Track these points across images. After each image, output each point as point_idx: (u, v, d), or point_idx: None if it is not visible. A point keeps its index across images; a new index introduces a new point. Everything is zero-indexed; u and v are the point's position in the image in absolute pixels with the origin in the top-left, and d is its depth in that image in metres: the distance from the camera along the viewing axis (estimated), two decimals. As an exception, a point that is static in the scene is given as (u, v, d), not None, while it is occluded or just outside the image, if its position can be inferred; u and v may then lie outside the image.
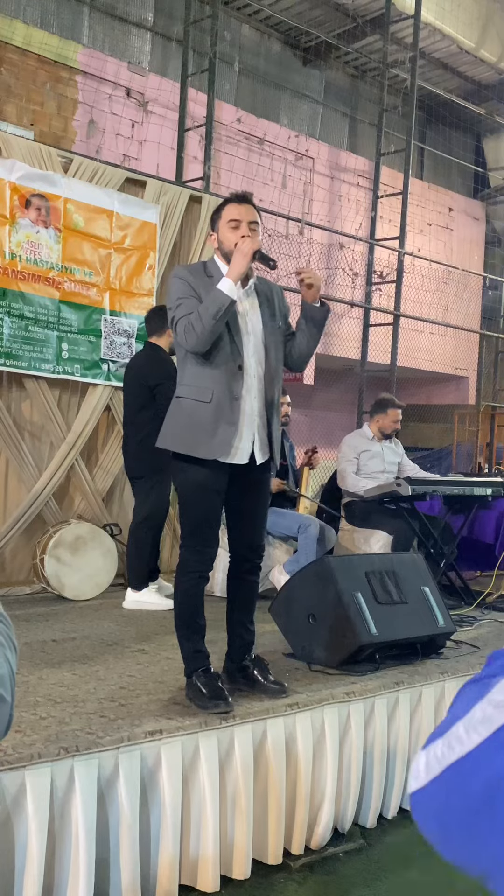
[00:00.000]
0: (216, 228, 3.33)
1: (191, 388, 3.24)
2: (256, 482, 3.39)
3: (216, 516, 3.33)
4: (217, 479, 3.25)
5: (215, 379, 3.20)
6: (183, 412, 3.26)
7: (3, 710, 0.85)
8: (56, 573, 5.19)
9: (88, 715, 2.97)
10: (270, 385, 3.33)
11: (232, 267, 3.17)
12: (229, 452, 3.22)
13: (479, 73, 14.14)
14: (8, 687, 0.85)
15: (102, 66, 10.00)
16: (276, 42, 12.47)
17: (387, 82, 12.08)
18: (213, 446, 3.18)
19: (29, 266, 5.46)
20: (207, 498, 3.26)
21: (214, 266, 3.33)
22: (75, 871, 2.54)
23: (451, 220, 14.76)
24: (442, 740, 0.86)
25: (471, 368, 14.55)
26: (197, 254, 6.35)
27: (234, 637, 3.49)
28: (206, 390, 3.20)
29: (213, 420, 3.18)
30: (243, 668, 3.42)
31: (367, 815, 3.46)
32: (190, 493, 3.29)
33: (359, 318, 11.77)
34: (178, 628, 3.33)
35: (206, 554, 3.31)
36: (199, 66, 10.53)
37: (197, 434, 3.19)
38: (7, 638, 0.90)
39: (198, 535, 3.28)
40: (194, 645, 3.29)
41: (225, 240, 3.28)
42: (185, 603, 3.31)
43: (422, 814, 0.88)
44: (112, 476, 5.98)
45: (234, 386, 3.21)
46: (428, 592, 4.13)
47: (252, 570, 3.48)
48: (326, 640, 3.80)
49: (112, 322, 5.89)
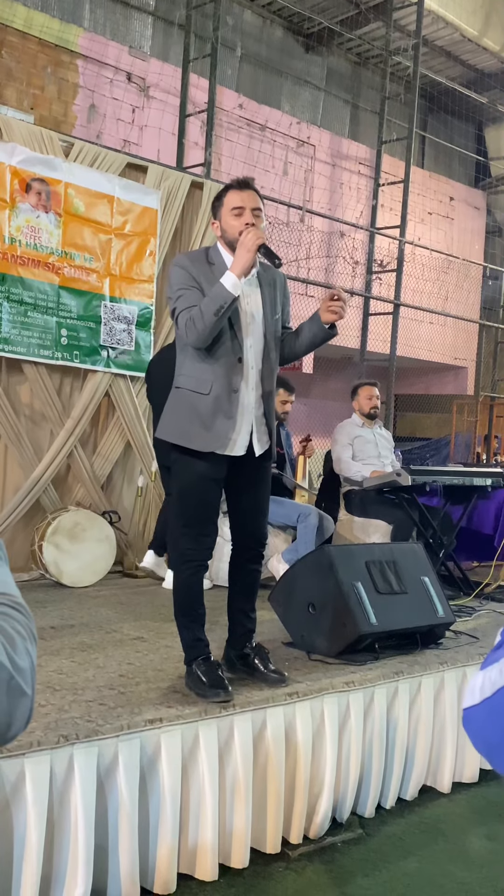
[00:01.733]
0: (218, 216, 3.26)
1: (190, 379, 3.21)
2: (256, 472, 3.36)
3: (215, 505, 3.31)
4: (216, 469, 3.24)
5: (215, 371, 3.18)
6: (181, 403, 3.23)
7: (25, 703, 0.83)
8: (54, 560, 5.17)
9: (88, 703, 2.95)
10: (268, 377, 3.32)
11: (236, 262, 3.10)
12: (226, 445, 3.20)
13: (481, 62, 14.08)
14: (29, 680, 0.83)
15: (103, 51, 9.94)
16: (278, 28, 12.40)
17: (389, 70, 12.03)
18: (209, 439, 3.17)
19: (29, 251, 5.43)
20: (206, 487, 3.24)
21: (217, 253, 3.27)
22: (74, 859, 2.53)
23: (451, 209, 14.72)
24: (498, 665, 0.96)
25: (470, 359, 14.55)
26: (198, 240, 6.31)
27: (236, 625, 3.47)
28: (205, 382, 3.18)
29: (211, 412, 3.16)
30: (244, 657, 3.41)
31: (366, 805, 3.46)
32: (188, 483, 3.25)
33: (359, 307, 11.75)
34: (178, 617, 3.32)
35: (204, 542, 3.28)
36: (200, 51, 10.47)
37: (195, 426, 3.17)
38: (28, 630, 0.88)
39: (196, 524, 3.26)
40: (194, 633, 3.28)
41: (228, 228, 3.21)
42: (185, 592, 3.29)
43: (473, 729, 0.98)
44: (111, 463, 5.96)
45: (233, 378, 3.19)
46: (428, 583, 4.12)
47: (254, 559, 3.46)
48: (326, 629, 3.79)
49: (112, 308, 5.86)
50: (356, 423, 6.18)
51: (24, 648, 0.85)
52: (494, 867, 3.14)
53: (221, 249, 3.28)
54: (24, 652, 0.85)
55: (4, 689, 0.79)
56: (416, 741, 3.68)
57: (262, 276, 3.34)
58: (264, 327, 3.30)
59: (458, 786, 3.83)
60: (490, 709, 0.94)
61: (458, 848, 3.28)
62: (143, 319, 6.02)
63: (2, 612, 0.87)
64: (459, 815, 3.61)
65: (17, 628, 0.86)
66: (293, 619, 3.93)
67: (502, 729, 0.93)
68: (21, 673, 0.82)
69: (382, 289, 12.15)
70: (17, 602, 0.90)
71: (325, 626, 3.80)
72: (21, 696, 0.82)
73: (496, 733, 0.94)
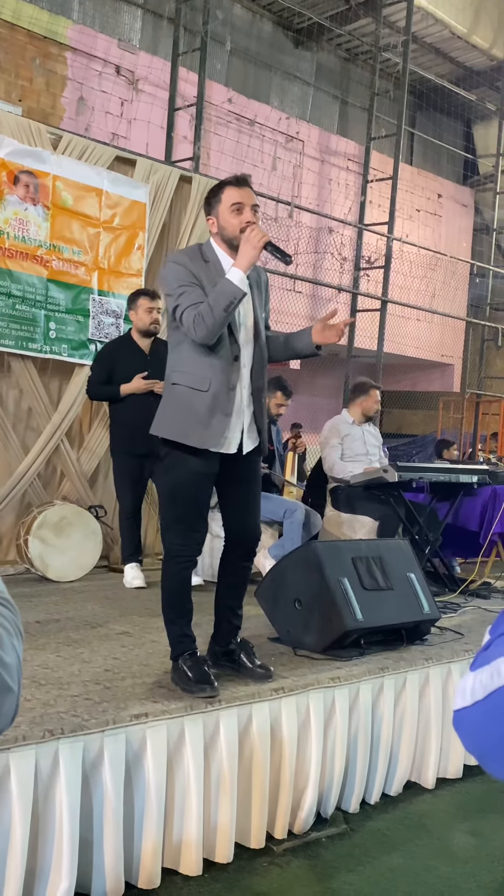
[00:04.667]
0: (216, 213, 3.21)
1: (187, 376, 3.19)
2: (247, 469, 3.37)
3: (206, 501, 3.31)
4: (209, 466, 3.24)
5: (214, 368, 3.17)
6: (179, 400, 3.21)
7: (10, 700, 0.82)
8: (40, 554, 5.16)
9: (73, 697, 2.95)
10: (259, 374, 3.32)
11: (241, 258, 3.08)
12: (221, 443, 3.20)
13: (470, 59, 14.10)
14: (15, 676, 0.83)
15: (92, 43, 9.89)
16: (267, 22, 12.37)
17: (378, 66, 12.03)
18: (206, 436, 3.16)
19: (17, 243, 5.40)
20: (198, 484, 3.25)
21: (211, 250, 3.25)
22: (59, 854, 2.52)
23: (439, 206, 14.74)
24: (489, 668, 0.95)
25: (456, 356, 14.59)
26: (186, 234, 6.30)
27: (222, 621, 3.47)
28: (203, 379, 3.17)
29: (209, 410, 3.16)
30: (229, 652, 3.41)
31: (350, 800, 3.47)
32: (181, 479, 3.25)
33: (346, 303, 11.75)
34: (165, 612, 3.31)
35: (193, 538, 3.29)
36: (190, 45, 10.44)
37: (192, 423, 3.16)
38: (13, 625, 0.87)
39: (186, 519, 3.26)
40: (181, 629, 3.28)
41: (228, 225, 3.17)
42: (173, 587, 3.29)
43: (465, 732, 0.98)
44: (97, 458, 5.94)
45: (230, 376, 3.20)
46: (414, 579, 4.13)
47: (246, 556, 3.47)
48: (312, 625, 3.79)
49: (100, 302, 5.84)
50: (346, 420, 6.16)
51: (10, 644, 0.84)
52: (478, 862, 3.16)
53: (216, 247, 3.25)
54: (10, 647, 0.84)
55: None
56: (401, 737, 3.69)
57: (251, 275, 3.31)
58: (255, 324, 3.31)
59: (442, 781, 3.84)
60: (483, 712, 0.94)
61: (441, 843, 3.29)
62: (130, 313, 6.00)
63: None
64: (443, 811, 3.62)
65: (3, 624, 0.85)
66: (279, 614, 3.93)
67: (495, 733, 0.93)
68: (7, 669, 0.81)
69: (370, 285, 12.16)
70: (4, 598, 0.90)
71: (311, 622, 3.80)
72: (6, 692, 0.81)
73: (489, 737, 0.94)
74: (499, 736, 0.93)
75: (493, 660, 0.95)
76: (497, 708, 0.92)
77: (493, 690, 0.93)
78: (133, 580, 5.22)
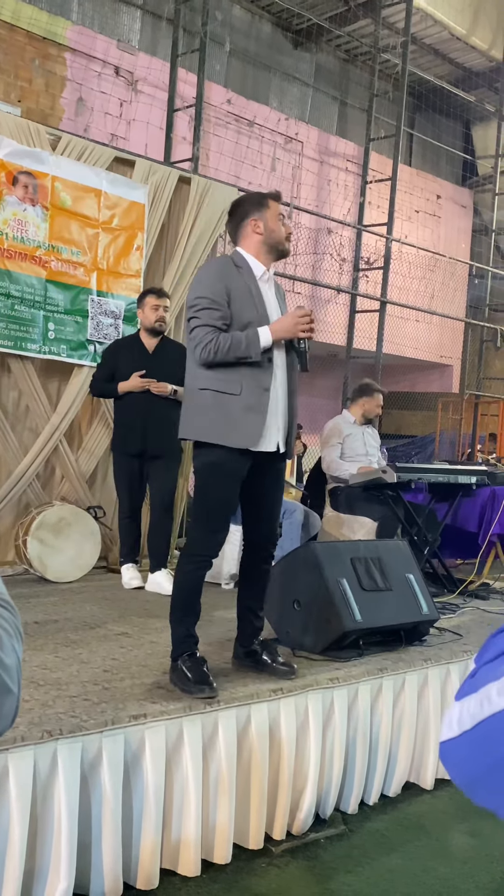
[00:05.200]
0: (263, 217, 3.33)
1: (216, 381, 3.23)
2: (275, 471, 3.43)
3: (233, 503, 3.35)
4: (240, 467, 3.28)
5: (244, 371, 3.22)
6: (210, 403, 3.24)
7: (10, 701, 0.82)
8: (39, 555, 5.15)
9: (72, 698, 2.95)
10: (291, 377, 3.40)
11: (280, 329, 3.23)
12: (257, 442, 3.24)
13: (469, 60, 14.10)
14: (15, 678, 0.83)
15: (91, 44, 9.89)
16: (266, 24, 12.38)
17: (377, 67, 12.03)
18: (242, 436, 3.21)
19: (15, 244, 5.40)
20: (228, 484, 3.29)
21: (241, 257, 3.35)
22: (57, 855, 2.52)
23: (438, 207, 14.74)
24: (475, 697, 0.91)
25: (455, 357, 14.59)
26: (185, 235, 6.29)
27: (245, 623, 3.53)
28: (234, 382, 3.21)
29: (242, 411, 3.20)
30: (251, 653, 3.46)
31: (349, 801, 3.47)
32: (211, 479, 3.29)
33: (345, 304, 11.75)
34: (174, 610, 3.33)
35: (214, 539, 3.33)
36: (189, 46, 10.44)
37: (226, 424, 3.20)
38: (13, 626, 0.87)
39: (211, 520, 3.30)
40: (186, 629, 3.30)
41: (277, 228, 3.33)
42: (187, 586, 3.32)
43: (452, 763, 0.94)
44: (96, 458, 5.94)
45: (263, 377, 3.24)
46: (412, 580, 4.13)
47: (267, 559, 3.52)
48: (311, 625, 3.79)
49: (99, 303, 5.84)
50: (347, 420, 6.17)
51: (11, 646, 0.84)
52: (476, 863, 3.16)
53: (244, 253, 3.35)
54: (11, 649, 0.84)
55: None
56: (400, 738, 3.69)
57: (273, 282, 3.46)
58: None
59: (440, 782, 3.84)
60: (470, 742, 0.91)
61: (440, 844, 3.29)
62: (130, 314, 6.00)
63: None
64: (442, 812, 3.62)
65: (3, 625, 0.85)
66: (278, 615, 3.93)
67: (483, 763, 0.90)
68: (7, 670, 0.81)
69: (369, 286, 12.16)
70: (4, 599, 0.90)
71: (309, 623, 3.80)
72: (7, 694, 0.81)
73: (477, 767, 0.91)
74: (487, 765, 0.90)
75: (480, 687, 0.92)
76: (486, 737, 0.89)
77: (482, 719, 0.90)
78: (131, 580, 5.22)
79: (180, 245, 6.29)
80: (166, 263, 6.33)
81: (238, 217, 3.38)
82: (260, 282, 3.33)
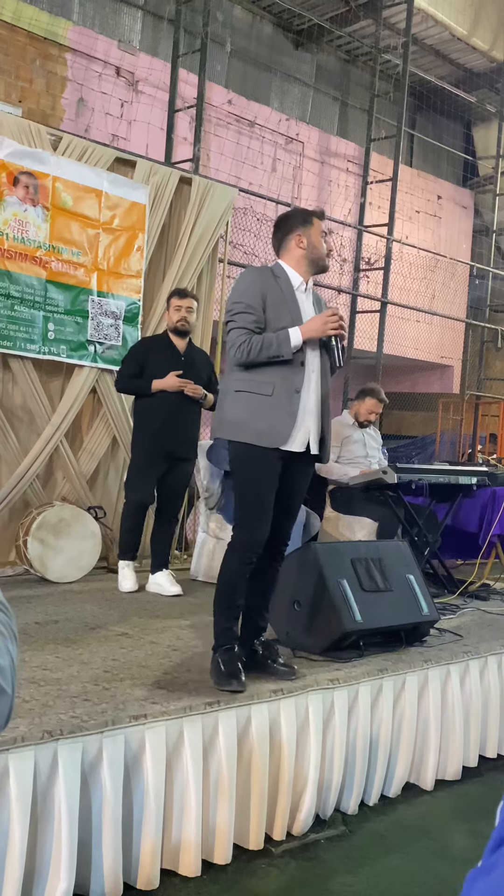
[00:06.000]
0: (307, 233, 3.47)
1: (251, 382, 3.35)
2: (303, 473, 3.52)
3: (269, 499, 3.41)
4: (274, 464, 3.36)
5: (277, 373, 3.33)
6: (243, 404, 3.35)
7: (4, 702, 0.82)
8: (39, 555, 5.16)
9: (72, 698, 2.95)
10: (325, 379, 3.49)
11: (310, 329, 3.34)
12: (286, 441, 3.33)
13: (470, 61, 14.08)
14: (9, 679, 0.83)
15: (92, 44, 9.88)
16: (267, 24, 12.37)
17: (378, 67, 12.03)
18: (272, 435, 3.30)
19: (16, 244, 5.40)
20: (263, 480, 3.37)
21: (280, 269, 3.48)
22: (57, 855, 2.52)
23: (439, 207, 14.73)
24: None
25: (456, 357, 14.58)
26: (186, 236, 6.29)
27: (249, 622, 3.56)
28: (266, 384, 3.33)
29: (274, 412, 3.31)
30: (252, 653, 3.49)
31: (349, 802, 3.47)
32: (247, 477, 3.40)
33: (346, 304, 11.75)
34: (217, 602, 3.42)
35: (254, 537, 3.39)
36: (190, 46, 10.43)
37: (258, 423, 3.30)
38: (8, 628, 0.87)
39: (250, 516, 3.38)
40: (226, 622, 3.39)
41: (319, 245, 3.49)
42: (230, 581, 3.39)
43: None
44: (97, 459, 5.94)
45: (294, 380, 3.35)
46: (413, 580, 4.13)
47: (276, 558, 3.56)
48: (311, 626, 3.80)
49: (99, 303, 5.84)
50: (346, 422, 6.16)
51: (4, 647, 0.84)
52: (476, 863, 3.15)
53: (284, 265, 3.48)
54: (4, 651, 0.84)
55: None
56: (400, 739, 3.69)
57: (312, 293, 3.58)
58: None
59: (440, 783, 3.84)
60: None
61: (440, 845, 3.29)
62: (130, 314, 6.00)
63: None
64: (442, 813, 3.62)
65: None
66: (278, 615, 3.93)
67: None
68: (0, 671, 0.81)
69: (370, 287, 12.16)
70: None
71: (310, 623, 3.80)
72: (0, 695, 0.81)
73: None
74: None
75: None
76: None
77: None
78: (123, 581, 5.11)
79: (181, 246, 6.29)
80: (167, 264, 6.33)
81: (283, 231, 3.52)
82: (297, 292, 3.46)
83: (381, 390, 6.26)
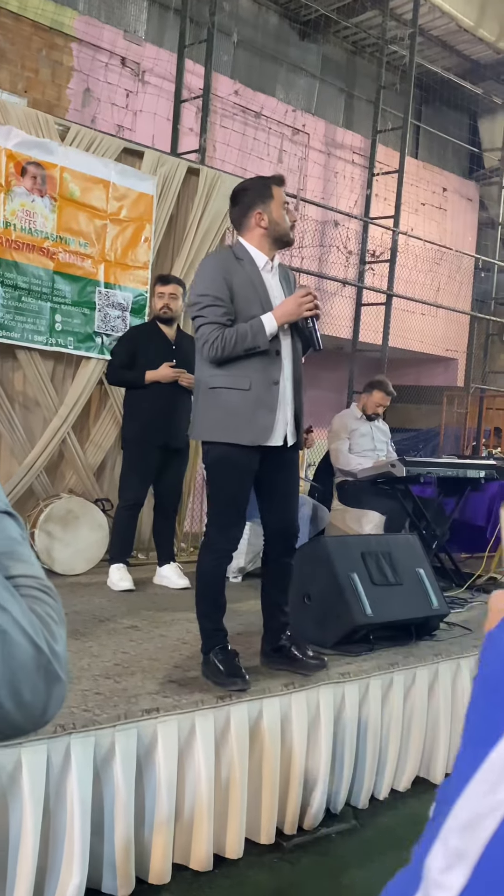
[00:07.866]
0: (268, 208, 3.27)
1: (227, 377, 3.20)
2: (288, 463, 3.40)
3: (245, 497, 3.33)
4: (251, 461, 3.26)
5: (253, 365, 3.19)
6: (220, 402, 3.22)
7: (60, 688, 0.83)
8: (46, 548, 5.14)
9: (84, 692, 2.93)
10: (297, 365, 3.36)
11: (283, 313, 3.19)
12: (268, 437, 3.22)
13: (476, 52, 14.01)
14: (64, 665, 0.83)
15: (98, 34, 9.83)
16: (273, 15, 12.30)
17: (384, 59, 11.96)
18: (254, 432, 3.19)
19: (23, 235, 5.37)
20: (240, 479, 3.27)
21: (242, 249, 3.30)
22: (70, 849, 2.51)
23: (444, 200, 14.68)
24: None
25: (461, 350, 14.54)
26: (194, 226, 6.26)
27: (271, 619, 3.50)
28: (243, 378, 3.19)
29: (252, 407, 3.18)
30: (279, 648, 3.44)
31: (360, 796, 3.46)
32: (223, 475, 3.27)
33: (351, 297, 11.71)
34: (199, 605, 3.34)
35: (231, 533, 3.32)
36: (196, 36, 10.37)
37: (237, 421, 3.18)
38: (59, 614, 0.87)
39: (226, 514, 3.29)
40: (214, 623, 3.32)
41: (282, 220, 3.28)
42: (209, 581, 3.32)
43: None
44: (103, 451, 5.92)
45: (272, 371, 3.22)
46: (422, 574, 4.11)
47: (287, 552, 3.48)
48: (321, 620, 3.78)
49: (106, 295, 5.81)
50: (354, 415, 6.15)
51: (60, 634, 0.84)
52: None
53: (246, 244, 3.30)
54: (61, 638, 0.84)
55: (43, 674, 0.79)
56: (411, 733, 3.68)
57: (279, 269, 3.40)
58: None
59: (450, 777, 3.82)
60: None
61: (451, 840, 3.27)
62: (137, 306, 5.98)
63: (34, 597, 0.85)
64: (452, 807, 3.60)
65: (49, 612, 0.84)
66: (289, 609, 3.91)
67: None
68: (57, 658, 0.81)
69: (375, 279, 12.12)
70: (46, 585, 0.89)
71: (320, 617, 3.79)
72: (56, 682, 0.81)
73: None
74: None
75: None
76: None
77: None
78: (121, 581, 4.98)
79: (188, 237, 6.26)
80: (174, 255, 6.30)
81: (242, 207, 3.32)
82: (263, 272, 3.29)
83: (389, 383, 6.23)
